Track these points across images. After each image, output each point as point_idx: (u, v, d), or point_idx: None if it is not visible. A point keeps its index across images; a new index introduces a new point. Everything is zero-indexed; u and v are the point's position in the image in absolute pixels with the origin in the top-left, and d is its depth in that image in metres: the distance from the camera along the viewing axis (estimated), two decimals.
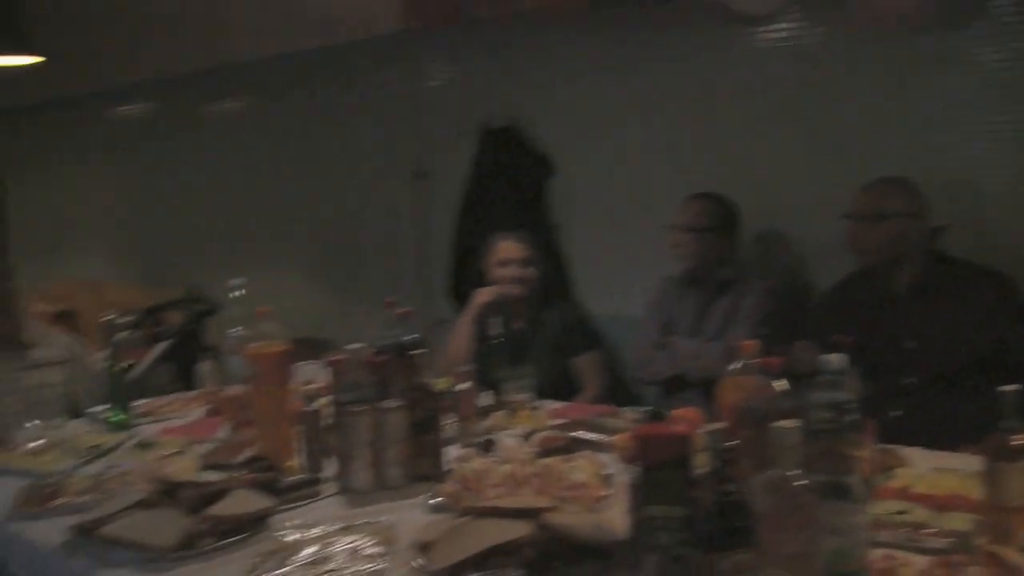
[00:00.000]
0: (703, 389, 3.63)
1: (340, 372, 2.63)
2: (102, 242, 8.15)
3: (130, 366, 3.93)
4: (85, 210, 8.29)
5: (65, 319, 6.36)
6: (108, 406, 3.38)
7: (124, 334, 4.68)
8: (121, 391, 3.34)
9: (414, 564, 2.02)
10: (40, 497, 2.58)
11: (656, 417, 2.13)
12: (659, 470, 1.85)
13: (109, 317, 3.52)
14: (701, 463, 1.87)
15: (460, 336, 4.30)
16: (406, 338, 2.66)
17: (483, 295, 4.34)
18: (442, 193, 5.57)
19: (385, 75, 5.89)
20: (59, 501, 2.55)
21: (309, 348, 3.96)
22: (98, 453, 2.99)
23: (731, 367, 2.30)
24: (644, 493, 1.86)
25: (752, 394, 2.18)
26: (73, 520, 2.34)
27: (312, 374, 3.42)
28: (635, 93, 4.76)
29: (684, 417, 2.48)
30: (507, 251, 4.33)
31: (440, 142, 5.64)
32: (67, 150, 8.40)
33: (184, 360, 5.13)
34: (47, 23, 5.20)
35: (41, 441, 3.07)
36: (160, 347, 4.69)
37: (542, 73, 5.14)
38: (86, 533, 2.28)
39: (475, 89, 5.48)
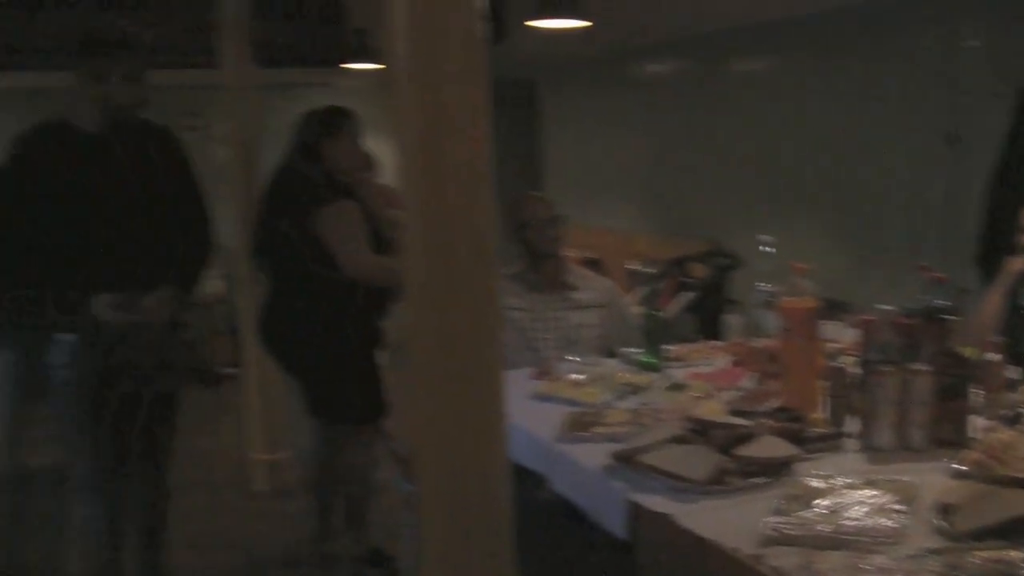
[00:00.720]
0: None
1: (870, 332, 2.68)
2: (631, 194, 8.59)
3: (661, 311, 4.20)
4: (616, 163, 8.76)
5: (592, 265, 6.83)
6: (640, 348, 3.63)
7: (653, 283, 4.99)
8: (654, 335, 3.58)
9: (935, 523, 2.05)
10: (583, 424, 2.87)
11: None
12: None
13: (635, 266, 3.77)
14: None
15: (990, 305, 4.14)
16: (938, 303, 2.65)
17: (1017, 264, 4.15)
18: (974, 158, 5.36)
19: (918, 36, 5.74)
20: (599, 429, 2.82)
21: (829, 308, 4.01)
22: (632, 390, 3.25)
23: None
24: None
25: None
26: (612, 447, 2.59)
27: (833, 333, 3.47)
28: None
29: None
30: None
31: (974, 105, 5.42)
32: (602, 106, 8.92)
33: (707, 311, 5.37)
34: None
35: (582, 375, 3.38)
36: (686, 297, 4.92)
37: None
38: (624, 460, 2.51)
39: (1011, 50, 5.20)
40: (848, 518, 2.08)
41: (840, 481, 2.27)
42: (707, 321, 5.13)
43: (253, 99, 5.54)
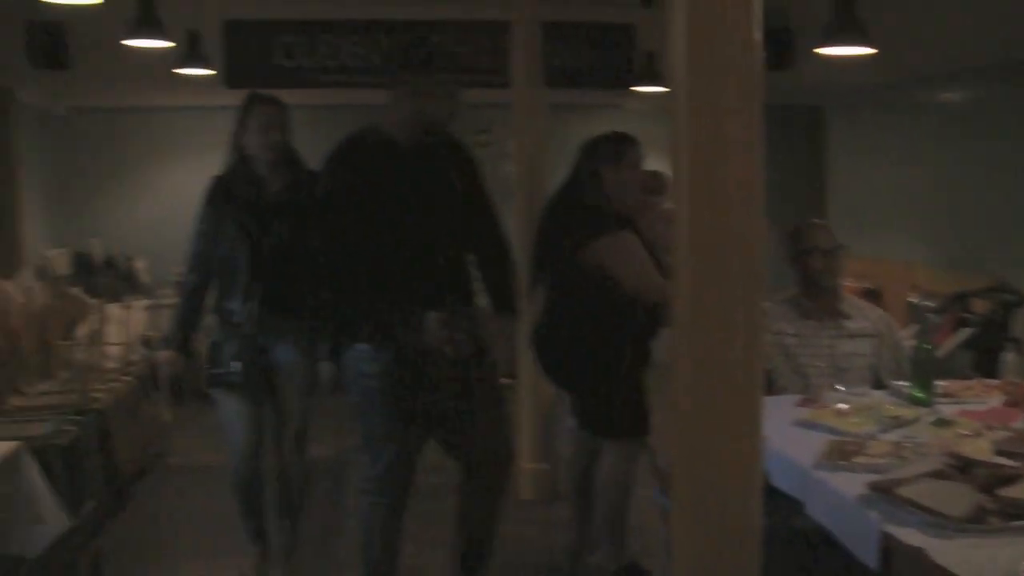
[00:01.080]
0: None
1: None
2: (914, 224, 8.35)
3: (935, 347, 4.12)
4: (900, 192, 8.54)
5: (870, 296, 6.71)
6: (910, 382, 3.60)
7: (933, 316, 4.88)
8: (926, 370, 3.54)
9: None
10: (844, 452, 2.89)
11: None
12: None
13: (915, 299, 3.71)
14: None
15: None
16: None
17: None
18: None
19: None
20: (860, 459, 2.83)
21: None
22: (898, 423, 3.23)
23: None
24: None
25: None
26: (871, 478, 2.61)
27: None
28: None
29: None
30: None
31: None
32: (890, 133, 8.71)
33: (986, 348, 5.19)
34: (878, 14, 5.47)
35: (847, 405, 3.39)
36: (964, 333, 4.79)
37: None
38: (882, 491, 2.53)
39: None
40: None
41: None
42: (985, 358, 4.96)
43: (542, 118, 5.76)
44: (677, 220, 2.29)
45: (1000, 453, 2.81)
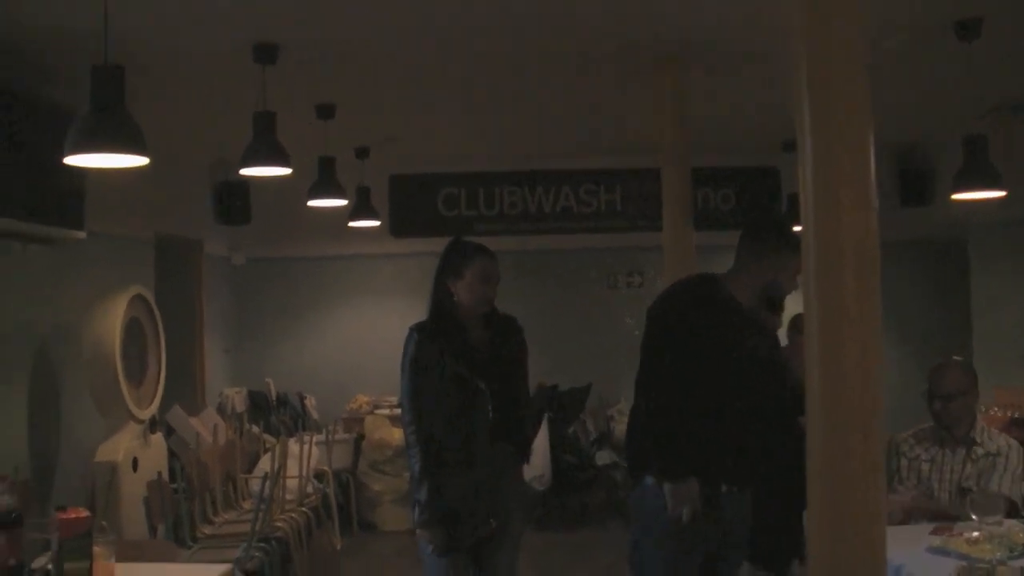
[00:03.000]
0: None
1: None
2: None
3: None
4: None
5: (1017, 424, 6.80)
6: None
7: None
8: None
9: None
10: None
11: None
12: None
13: None
14: None
15: None
16: None
17: None
18: None
19: None
20: None
21: None
22: None
23: None
24: None
25: None
26: None
27: None
28: None
29: None
30: None
31: None
32: None
33: None
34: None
35: (978, 532, 3.60)
36: None
37: None
38: None
39: None
40: None
41: None
42: None
43: (691, 258, 6.08)
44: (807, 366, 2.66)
45: None
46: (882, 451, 2.62)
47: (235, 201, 8.84)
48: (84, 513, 2.99)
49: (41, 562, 3.09)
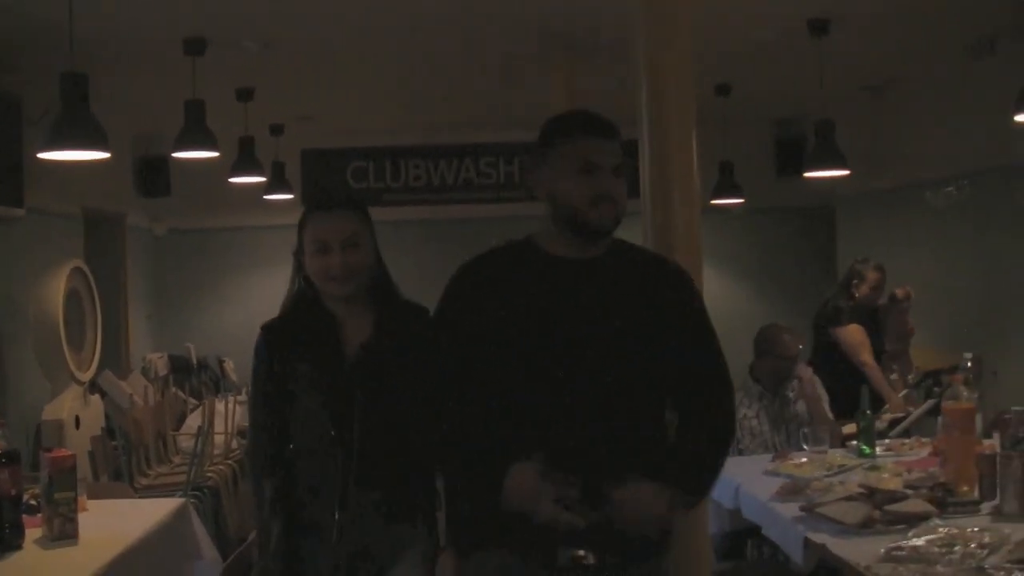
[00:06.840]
0: None
1: (1004, 427, 3.57)
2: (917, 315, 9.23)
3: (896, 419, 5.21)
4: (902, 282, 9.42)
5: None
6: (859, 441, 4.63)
7: (905, 391, 5.94)
8: (868, 432, 4.56)
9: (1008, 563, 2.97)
10: (791, 490, 3.89)
11: None
12: None
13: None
14: None
15: None
16: None
17: None
18: None
19: None
20: (799, 494, 3.84)
21: None
22: (842, 469, 4.23)
23: None
24: None
25: None
26: (802, 502, 3.62)
27: None
28: None
29: None
30: None
31: None
32: (894, 233, 9.63)
33: None
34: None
35: (804, 459, 4.40)
36: (928, 404, 5.72)
37: None
38: (807, 511, 3.54)
39: None
40: (957, 548, 3.01)
41: (956, 529, 3.18)
42: None
43: None
44: None
45: (907, 486, 3.79)
46: None
47: (155, 175, 9.35)
48: (68, 452, 3.56)
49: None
